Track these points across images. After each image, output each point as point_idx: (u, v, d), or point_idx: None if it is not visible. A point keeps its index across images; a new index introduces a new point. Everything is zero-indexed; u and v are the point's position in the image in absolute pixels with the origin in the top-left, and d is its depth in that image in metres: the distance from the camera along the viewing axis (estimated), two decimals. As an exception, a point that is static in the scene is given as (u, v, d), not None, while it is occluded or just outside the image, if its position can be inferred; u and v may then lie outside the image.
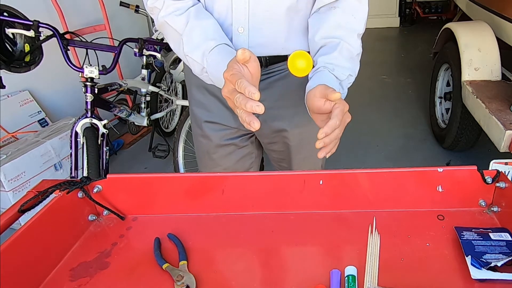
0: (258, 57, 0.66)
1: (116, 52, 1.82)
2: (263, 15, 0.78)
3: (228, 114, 0.94)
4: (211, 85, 0.92)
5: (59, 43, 1.70)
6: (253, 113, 0.57)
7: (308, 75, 0.61)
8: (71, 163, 1.78)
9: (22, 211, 0.59)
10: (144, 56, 2.30)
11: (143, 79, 2.44)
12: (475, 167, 0.63)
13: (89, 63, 1.73)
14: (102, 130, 1.78)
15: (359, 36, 0.80)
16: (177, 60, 2.45)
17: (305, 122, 0.91)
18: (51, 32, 1.69)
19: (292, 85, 0.88)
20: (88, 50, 1.84)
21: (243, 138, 0.99)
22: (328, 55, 0.76)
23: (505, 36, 2.15)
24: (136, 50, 2.03)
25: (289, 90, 0.90)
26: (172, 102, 2.71)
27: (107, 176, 0.67)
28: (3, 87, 1.65)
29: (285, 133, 0.94)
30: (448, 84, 2.65)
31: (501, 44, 2.14)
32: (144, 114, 2.45)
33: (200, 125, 0.98)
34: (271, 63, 0.87)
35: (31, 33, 1.65)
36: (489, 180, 0.63)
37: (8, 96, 2.29)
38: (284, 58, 0.86)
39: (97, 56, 1.88)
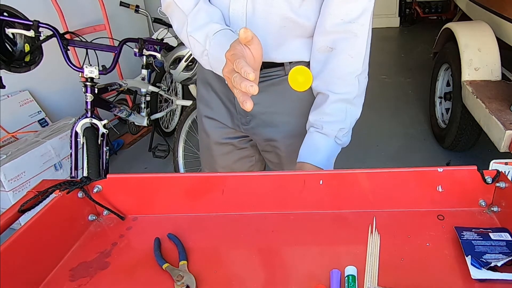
0: None
1: (116, 52, 1.83)
2: (260, 22, 0.78)
3: (227, 113, 0.94)
4: (215, 82, 0.93)
5: (59, 43, 1.70)
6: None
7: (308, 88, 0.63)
8: (71, 163, 1.78)
9: (22, 211, 0.59)
10: (144, 56, 2.30)
11: (143, 79, 2.44)
12: (475, 167, 0.63)
13: (89, 63, 1.74)
14: (102, 130, 1.79)
15: (357, 76, 0.79)
16: (177, 60, 2.45)
17: (296, 134, 0.90)
18: (51, 32, 1.69)
19: (286, 93, 0.87)
20: (88, 50, 1.84)
21: (241, 140, 0.99)
22: (318, 110, 0.80)
23: (505, 36, 2.15)
24: (136, 50, 2.04)
25: (283, 98, 0.89)
26: (172, 102, 2.71)
27: (107, 176, 0.67)
28: (3, 87, 1.65)
29: (275, 143, 0.93)
30: (448, 84, 2.65)
31: (501, 44, 2.14)
32: (144, 114, 2.45)
33: (201, 119, 1.00)
34: (266, 67, 0.86)
35: (31, 33, 1.66)
36: (489, 180, 0.63)
37: (8, 96, 2.29)
38: (279, 64, 0.86)
39: (97, 56, 1.88)
